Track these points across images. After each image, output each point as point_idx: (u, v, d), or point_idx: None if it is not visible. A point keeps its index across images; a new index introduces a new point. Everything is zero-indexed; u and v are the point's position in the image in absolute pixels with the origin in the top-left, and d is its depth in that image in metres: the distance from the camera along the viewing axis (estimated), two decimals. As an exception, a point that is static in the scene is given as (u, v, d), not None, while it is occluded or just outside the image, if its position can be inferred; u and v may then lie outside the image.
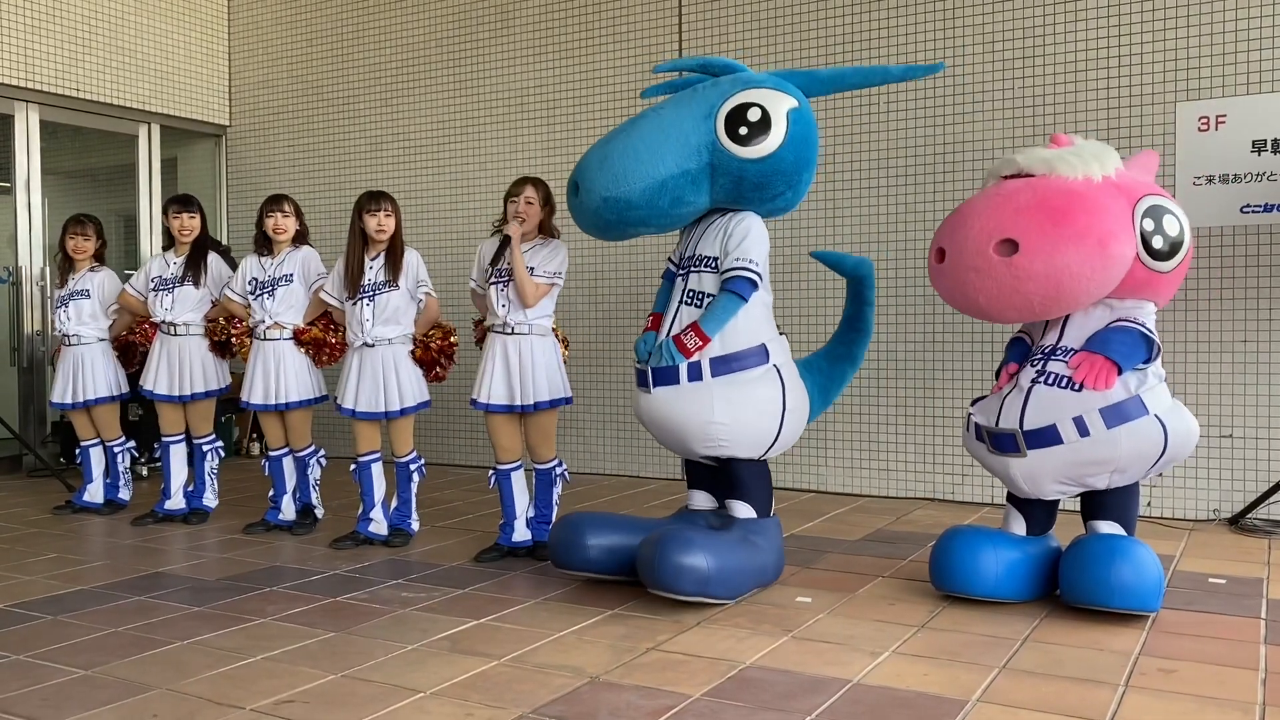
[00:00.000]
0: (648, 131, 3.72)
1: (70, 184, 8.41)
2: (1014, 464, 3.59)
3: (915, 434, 5.68)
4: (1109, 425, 3.41)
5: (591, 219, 3.86)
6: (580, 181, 3.80)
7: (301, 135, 7.68)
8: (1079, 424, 3.43)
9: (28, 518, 5.44)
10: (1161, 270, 3.47)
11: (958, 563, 3.60)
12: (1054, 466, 3.52)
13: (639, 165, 3.66)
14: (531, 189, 4.29)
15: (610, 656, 3.12)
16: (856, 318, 4.16)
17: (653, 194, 3.68)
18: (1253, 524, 4.82)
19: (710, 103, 3.71)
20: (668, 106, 3.81)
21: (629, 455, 6.49)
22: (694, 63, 3.99)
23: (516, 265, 4.19)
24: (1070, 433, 3.45)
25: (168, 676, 2.98)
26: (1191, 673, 2.96)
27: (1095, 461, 3.46)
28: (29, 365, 7.00)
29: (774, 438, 3.75)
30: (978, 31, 5.49)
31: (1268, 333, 4.94)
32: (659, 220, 3.78)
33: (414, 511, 4.78)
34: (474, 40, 6.96)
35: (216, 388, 5.28)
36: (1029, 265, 3.36)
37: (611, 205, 3.72)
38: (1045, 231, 3.36)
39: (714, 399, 3.67)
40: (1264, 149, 4.90)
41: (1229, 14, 4.98)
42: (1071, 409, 3.45)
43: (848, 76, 4.01)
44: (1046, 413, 3.49)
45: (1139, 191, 3.51)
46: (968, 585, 3.59)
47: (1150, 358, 3.48)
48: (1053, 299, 3.41)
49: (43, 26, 6.87)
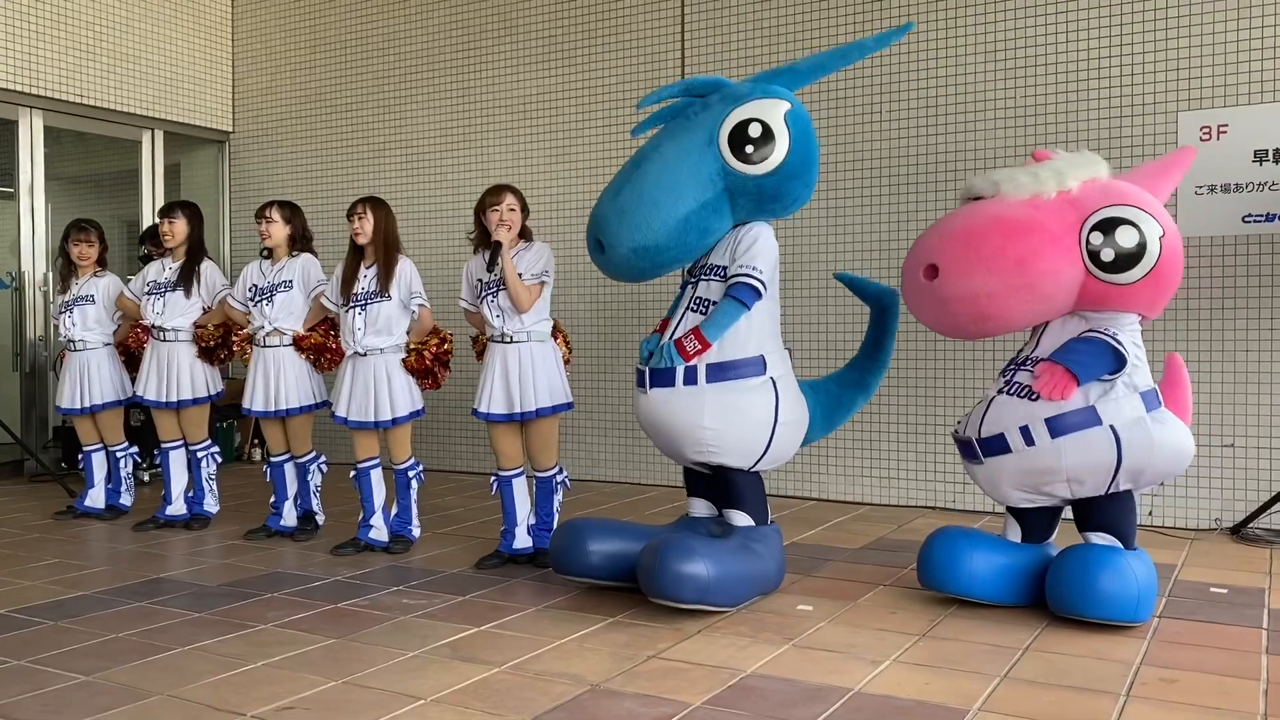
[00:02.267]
0: (656, 174, 3.70)
1: (73, 190, 8.43)
2: (976, 471, 3.73)
3: (917, 443, 5.68)
4: (1053, 435, 3.47)
5: (625, 271, 3.86)
6: (602, 239, 3.78)
7: (305, 142, 7.69)
8: (1024, 432, 3.52)
9: (29, 523, 5.44)
10: (1119, 282, 3.45)
11: (936, 560, 3.73)
12: (1008, 474, 3.61)
13: (658, 210, 3.66)
14: (511, 196, 4.31)
15: (611, 664, 3.12)
16: (876, 346, 4.15)
17: (679, 233, 3.69)
18: (1254, 533, 4.81)
19: (708, 128, 3.71)
20: (666, 142, 3.79)
21: (630, 462, 6.49)
22: (676, 89, 3.97)
23: (508, 272, 4.19)
24: (1017, 441, 3.54)
25: (168, 682, 2.98)
26: (1193, 682, 2.95)
27: (1043, 470, 3.53)
28: (31, 370, 7.00)
29: (763, 449, 3.74)
30: (979, 40, 5.50)
31: (1269, 342, 4.94)
32: (690, 255, 3.82)
33: (415, 518, 4.77)
34: (477, 48, 6.98)
35: (205, 395, 5.28)
36: (947, 288, 3.52)
37: (642, 254, 3.73)
38: (958, 255, 3.52)
39: (705, 404, 3.68)
40: (1265, 159, 4.91)
41: (1231, 24, 4.99)
42: (1020, 418, 3.53)
43: (827, 62, 4.00)
44: (1000, 421, 3.58)
45: (1095, 204, 3.49)
46: (944, 583, 3.70)
47: (1117, 369, 3.47)
48: (981, 319, 3.55)
49: (47, 32, 6.89)
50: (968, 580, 3.66)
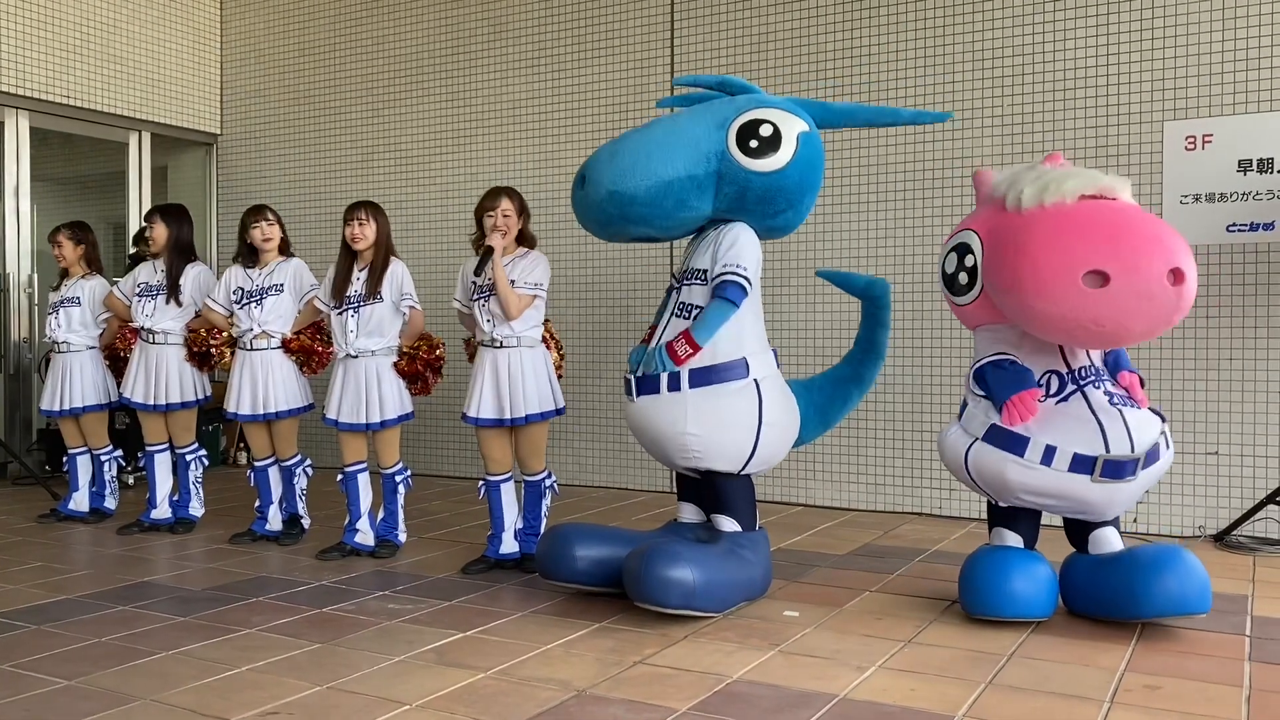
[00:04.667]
0: (661, 134, 3.81)
1: (60, 191, 8.39)
2: (1120, 487, 3.50)
3: (904, 449, 5.69)
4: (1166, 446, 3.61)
5: (594, 212, 3.90)
6: (588, 174, 3.87)
7: (293, 145, 7.68)
8: (1156, 448, 3.53)
9: (12, 526, 5.40)
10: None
11: (981, 585, 3.57)
12: (1138, 490, 3.60)
13: (648, 163, 3.73)
14: (507, 200, 4.31)
15: (597, 670, 3.12)
16: (870, 340, 4.14)
17: (658, 193, 3.73)
18: (1238, 541, 4.84)
19: (725, 115, 3.79)
20: (683, 114, 3.91)
21: (618, 467, 6.48)
22: (713, 80, 4.08)
23: (498, 278, 4.19)
24: (1164, 449, 3.60)
25: (152, 687, 2.97)
26: (1176, 689, 2.97)
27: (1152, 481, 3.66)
28: (15, 372, 6.97)
29: (750, 452, 3.74)
30: (967, 50, 5.53)
31: (1253, 350, 4.98)
32: (660, 221, 3.82)
33: (401, 523, 4.76)
34: (466, 52, 6.98)
35: (194, 398, 5.26)
36: (1188, 294, 3.33)
37: (616, 199, 3.77)
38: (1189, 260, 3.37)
39: (688, 409, 3.68)
40: (1250, 168, 4.94)
41: (1216, 34, 5.03)
42: (1156, 431, 3.58)
43: (859, 114, 4.26)
44: (1136, 439, 3.46)
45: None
46: (996, 608, 3.54)
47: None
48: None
49: (34, 33, 6.86)
50: (1013, 600, 3.51)
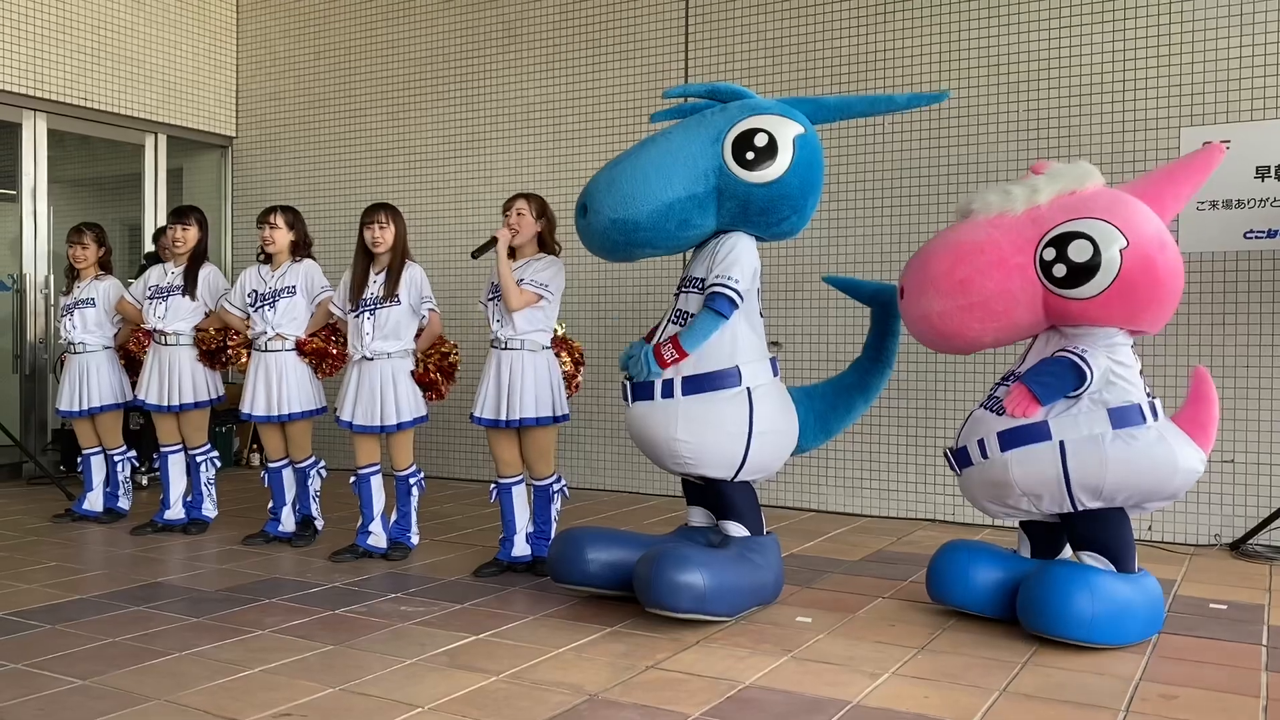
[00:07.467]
0: (656, 155, 3.75)
1: (76, 193, 8.44)
2: (959, 482, 3.81)
3: (917, 455, 5.67)
4: (1002, 448, 3.53)
5: (599, 240, 3.88)
6: (589, 203, 3.83)
7: (308, 147, 7.70)
8: (981, 446, 3.60)
9: (27, 525, 5.43)
10: (1075, 297, 3.41)
11: (940, 572, 3.79)
12: (977, 486, 3.69)
13: (647, 188, 3.70)
14: (523, 201, 4.34)
15: (609, 674, 3.11)
16: (877, 348, 4.12)
17: (660, 216, 3.71)
18: (1254, 550, 4.81)
19: (718, 128, 3.75)
20: (676, 131, 3.85)
21: (629, 471, 6.48)
22: (702, 89, 4.04)
23: (501, 269, 4.21)
24: (975, 454, 3.63)
25: (165, 688, 2.97)
26: (1192, 699, 2.95)
27: (997, 483, 3.58)
28: (31, 373, 7.00)
29: (740, 460, 3.72)
30: (984, 55, 5.52)
31: (1270, 358, 4.94)
32: (665, 242, 3.81)
33: (414, 525, 4.76)
34: (480, 55, 6.99)
35: (206, 399, 5.28)
36: (908, 309, 3.72)
37: (619, 227, 3.75)
38: (914, 277, 3.68)
39: (679, 416, 3.69)
40: (1267, 175, 4.91)
41: (1234, 41, 5.00)
42: (980, 431, 3.62)
43: (854, 105, 4.08)
44: (969, 434, 3.68)
45: (1055, 220, 3.47)
46: (947, 595, 3.76)
47: (1078, 386, 3.44)
48: (939, 337, 3.68)
49: (52, 36, 6.90)
50: (966, 593, 3.70)
